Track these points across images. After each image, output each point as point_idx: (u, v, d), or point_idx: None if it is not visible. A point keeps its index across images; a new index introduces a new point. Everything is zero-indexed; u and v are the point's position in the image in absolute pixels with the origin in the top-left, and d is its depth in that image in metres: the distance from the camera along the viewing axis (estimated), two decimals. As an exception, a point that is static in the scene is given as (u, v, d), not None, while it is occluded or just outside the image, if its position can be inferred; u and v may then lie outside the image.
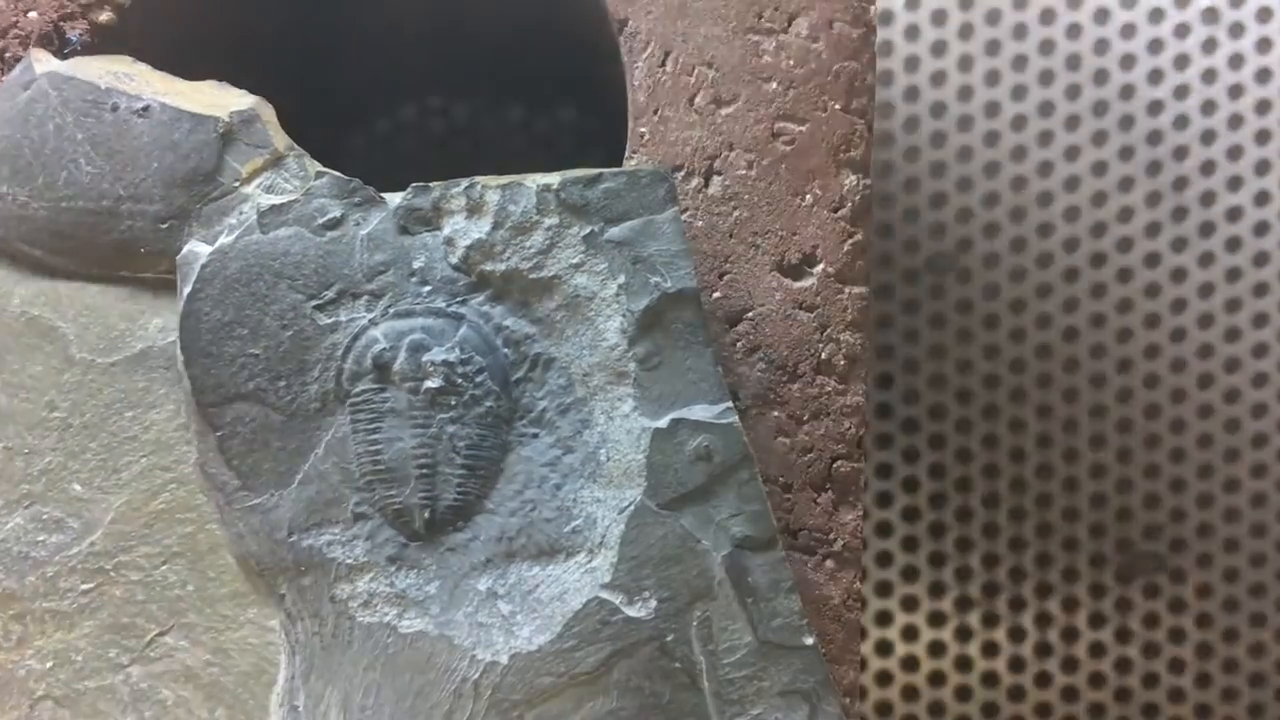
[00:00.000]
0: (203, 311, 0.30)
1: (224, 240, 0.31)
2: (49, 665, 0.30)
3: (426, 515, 0.30)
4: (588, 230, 0.31)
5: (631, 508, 0.30)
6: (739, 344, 0.33)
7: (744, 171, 0.33)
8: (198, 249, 0.31)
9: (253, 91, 0.33)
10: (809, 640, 0.30)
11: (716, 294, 0.33)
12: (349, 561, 0.30)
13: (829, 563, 0.32)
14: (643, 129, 0.34)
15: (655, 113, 0.34)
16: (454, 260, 0.31)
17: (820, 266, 0.33)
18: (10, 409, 0.31)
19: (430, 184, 0.31)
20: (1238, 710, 0.55)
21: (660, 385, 0.31)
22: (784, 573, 0.30)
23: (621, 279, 0.31)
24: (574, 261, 0.31)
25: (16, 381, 0.31)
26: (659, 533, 0.30)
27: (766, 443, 0.32)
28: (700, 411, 0.30)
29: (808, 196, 0.33)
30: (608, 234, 0.31)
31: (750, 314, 0.33)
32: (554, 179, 0.31)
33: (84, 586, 0.31)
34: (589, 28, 0.37)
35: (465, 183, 0.31)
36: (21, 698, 0.30)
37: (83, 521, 0.31)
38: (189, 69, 0.33)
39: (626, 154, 0.34)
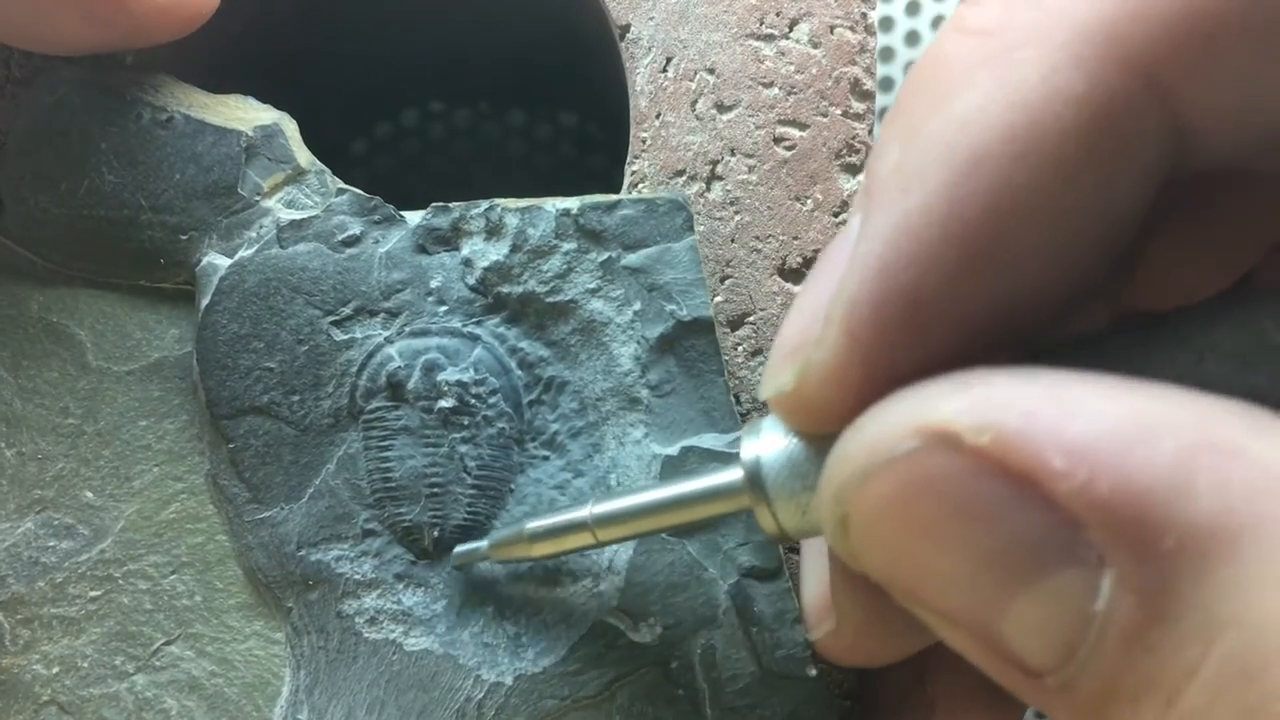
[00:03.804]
0: (220, 324, 0.31)
1: (243, 253, 0.31)
2: (55, 671, 0.30)
3: (435, 534, 0.30)
4: (605, 256, 0.31)
5: (640, 534, 0.30)
6: (741, 348, 0.33)
7: (745, 176, 0.34)
8: (217, 261, 0.31)
9: (252, 95, 0.33)
10: (812, 672, 0.30)
11: (719, 298, 0.33)
12: (356, 577, 0.30)
13: (828, 568, 0.32)
14: (644, 134, 0.34)
15: (657, 118, 0.34)
16: (471, 281, 0.31)
17: (821, 271, 0.33)
18: (24, 414, 0.31)
19: (450, 204, 0.31)
20: None
21: (672, 413, 0.31)
22: (790, 603, 0.30)
23: (637, 305, 0.31)
24: (590, 287, 0.31)
25: (31, 387, 0.31)
26: (666, 559, 0.30)
27: (768, 447, 0.32)
28: (711, 440, 0.31)
29: (809, 201, 0.33)
30: (624, 260, 0.31)
31: (752, 318, 0.33)
32: (573, 204, 0.31)
33: (92, 593, 0.31)
34: (591, 33, 0.38)
35: (485, 204, 0.31)
36: (26, 702, 0.30)
37: (93, 528, 0.31)
38: (191, 73, 0.33)
39: (628, 159, 0.34)
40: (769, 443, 0.23)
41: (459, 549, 0.30)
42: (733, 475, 0.24)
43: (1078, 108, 0.18)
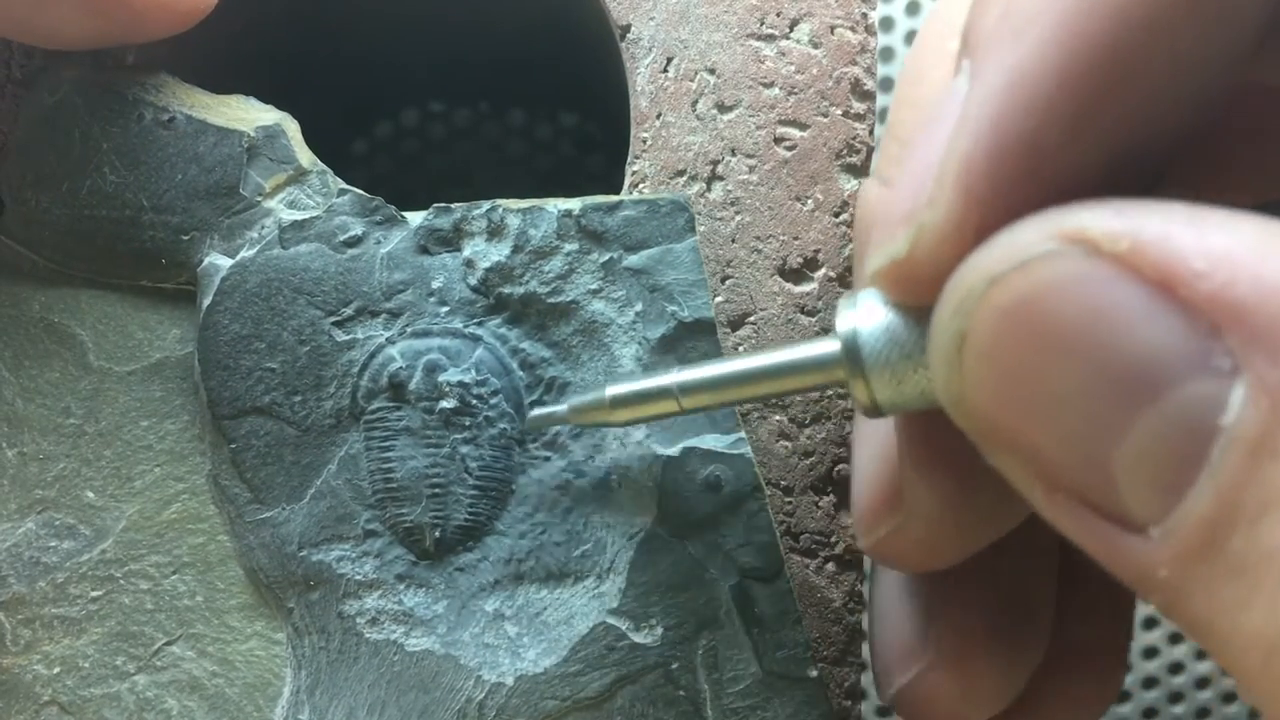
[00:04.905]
0: (221, 324, 0.31)
1: (245, 254, 0.31)
2: (56, 671, 0.30)
3: (437, 534, 0.30)
4: (606, 257, 0.31)
5: (641, 534, 0.30)
6: (741, 348, 0.33)
7: (746, 176, 0.34)
8: (218, 261, 0.31)
9: (253, 95, 0.33)
10: (813, 673, 0.30)
11: (719, 298, 0.33)
12: (358, 578, 0.31)
13: (830, 566, 0.32)
14: (645, 134, 0.34)
15: (658, 118, 0.34)
16: (473, 282, 0.31)
17: (822, 271, 0.33)
18: (26, 414, 0.31)
19: (452, 205, 0.31)
20: (1238, 712, 0.56)
21: (673, 413, 0.31)
22: (790, 604, 0.30)
23: (639, 306, 0.31)
24: (592, 288, 0.31)
25: (33, 387, 0.31)
26: (668, 560, 0.30)
27: (768, 446, 0.32)
28: (712, 441, 0.31)
29: (809, 201, 0.34)
30: (626, 261, 0.31)
31: (752, 318, 0.33)
32: (575, 204, 0.31)
33: (93, 593, 0.31)
34: (591, 33, 0.38)
35: (486, 205, 0.31)
36: (27, 702, 0.30)
37: (94, 529, 0.31)
38: (192, 73, 0.33)
39: (628, 159, 0.34)
40: (867, 314, 0.22)
41: (536, 412, 0.30)
42: (828, 346, 0.24)
43: None
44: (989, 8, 0.20)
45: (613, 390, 0.28)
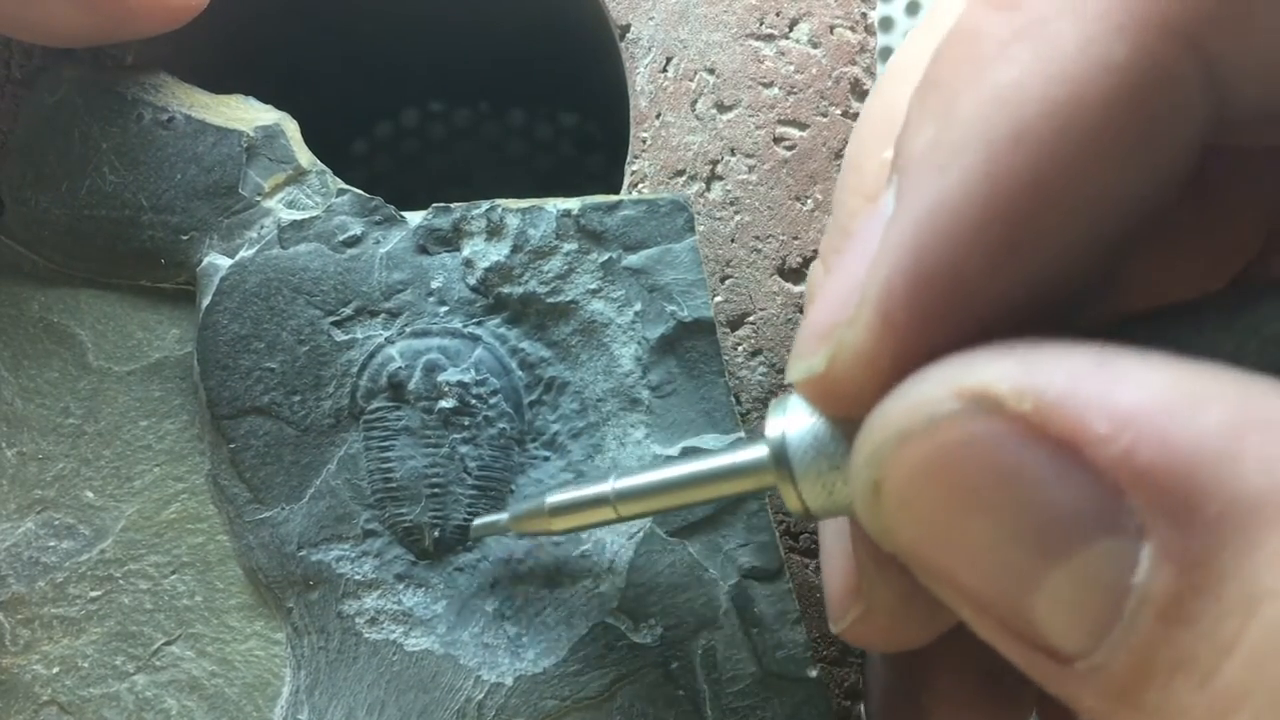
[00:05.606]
0: (220, 324, 0.31)
1: (244, 254, 0.31)
2: (55, 671, 0.30)
3: (436, 534, 0.30)
4: (606, 257, 0.31)
5: (640, 534, 0.30)
6: (741, 347, 0.33)
7: (745, 176, 0.34)
8: (218, 261, 0.31)
9: (253, 95, 0.33)
10: (813, 673, 0.30)
11: (719, 298, 0.33)
12: (357, 578, 0.30)
13: (828, 567, 0.32)
14: (644, 134, 0.34)
15: (657, 118, 0.34)
16: (472, 281, 0.31)
17: (821, 271, 0.33)
18: (25, 414, 0.31)
19: (451, 205, 0.31)
20: None
21: (672, 413, 0.31)
22: (790, 604, 0.30)
23: (638, 306, 0.31)
24: (591, 287, 0.31)
25: (32, 387, 0.31)
26: (667, 560, 0.30)
27: (768, 447, 0.32)
28: (711, 441, 0.31)
29: (809, 201, 0.34)
30: (625, 261, 0.31)
31: (752, 318, 0.33)
32: (574, 204, 0.31)
33: (93, 593, 0.31)
34: (591, 33, 0.38)
35: (486, 205, 0.31)
36: (26, 702, 0.30)
37: (94, 528, 0.31)
38: (192, 73, 0.33)
39: (628, 159, 0.34)
40: (795, 420, 0.22)
41: (478, 521, 0.30)
42: (758, 452, 0.24)
43: (1120, 77, 0.18)
44: (920, 128, 0.20)
45: (552, 500, 0.28)
